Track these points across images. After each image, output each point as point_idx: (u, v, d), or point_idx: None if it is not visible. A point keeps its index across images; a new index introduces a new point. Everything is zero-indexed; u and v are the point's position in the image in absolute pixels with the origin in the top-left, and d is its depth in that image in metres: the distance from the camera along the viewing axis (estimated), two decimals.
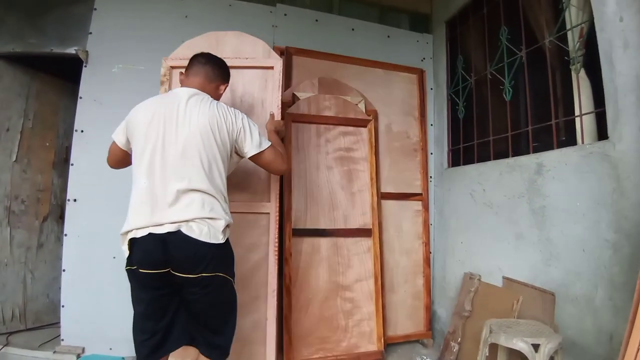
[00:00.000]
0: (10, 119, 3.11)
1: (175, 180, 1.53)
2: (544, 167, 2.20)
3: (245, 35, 2.42)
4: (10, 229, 3.10)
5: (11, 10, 2.96)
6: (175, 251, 1.49)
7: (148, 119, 1.61)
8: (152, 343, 1.58)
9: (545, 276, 2.15)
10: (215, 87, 1.83)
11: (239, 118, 1.71)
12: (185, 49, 2.34)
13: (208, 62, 1.81)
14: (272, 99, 2.32)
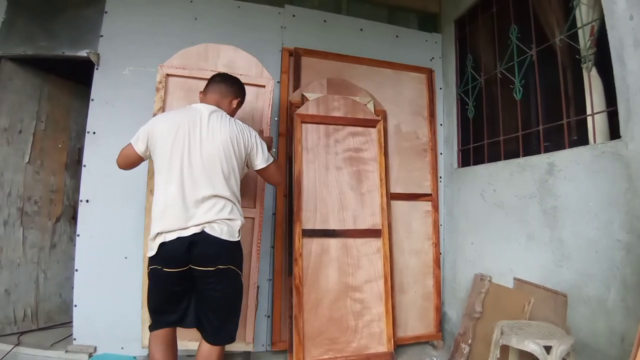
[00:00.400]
0: (23, 121, 3.15)
1: (201, 187, 1.74)
2: (556, 166, 2.18)
3: (241, 51, 2.58)
4: (23, 230, 3.14)
5: (21, 13, 2.99)
6: (199, 249, 1.70)
7: (173, 131, 1.79)
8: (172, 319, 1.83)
9: (557, 277, 2.13)
10: (229, 102, 2.02)
11: (252, 135, 1.93)
12: (180, 58, 2.51)
13: (222, 80, 2.03)
14: (262, 114, 2.53)
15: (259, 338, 2.85)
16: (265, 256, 2.92)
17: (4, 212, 3.01)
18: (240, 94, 2.09)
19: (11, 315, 3.00)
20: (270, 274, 2.90)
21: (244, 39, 3.05)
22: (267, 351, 2.85)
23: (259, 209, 2.51)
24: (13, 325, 3.00)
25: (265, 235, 2.92)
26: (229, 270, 1.78)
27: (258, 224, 2.49)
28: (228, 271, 1.77)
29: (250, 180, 2.47)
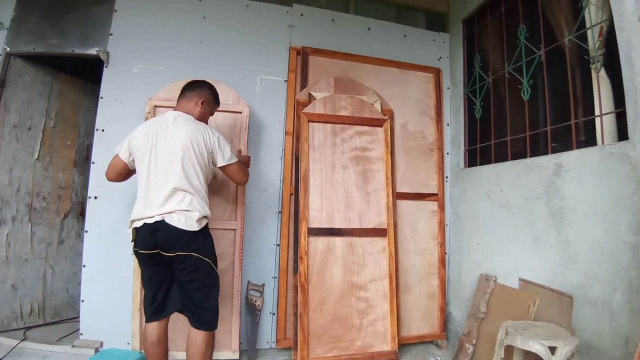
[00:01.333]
0: (32, 118, 3.18)
1: (164, 181, 1.97)
2: (563, 167, 2.17)
3: (221, 84, 2.76)
4: (32, 226, 3.17)
5: (31, 11, 3.02)
6: (160, 236, 1.93)
7: (145, 136, 2.07)
8: (154, 307, 2.07)
9: (562, 278, 2.12)
10: (195, 104, 2.20)
11: (215, 136, 2.11)
12: (167, 91, 2.80)
13: (186, 88, 2.25)
14: (240, 137, 2.85)
15: (264, 335, 2.88)
16: (271, 254, 2.94)
17: (13, 207, 3.05)
18: (203, 94, 2.23)
19: (18, 310, 3.04)
20: (275, 271, 2.92)
21: (252, 37, 3.09)
22: (271, 348, 2.87)
23: (239, 221, 2.78)
24: (19, 320, 3.04)
25: (270, 233, 2.95)
26: (192, 257, 1.95)
27: (239, 235, 2.76)
28: (190, 258, 1.95)
29: (230, 195, 2.81)
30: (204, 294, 2.03)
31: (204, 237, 2.05)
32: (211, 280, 2.07)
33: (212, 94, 2.30)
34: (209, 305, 2.05)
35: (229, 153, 2.15)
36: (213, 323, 2.06)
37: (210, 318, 2.05)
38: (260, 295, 2.85)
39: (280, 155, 3.02)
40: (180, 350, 2.57)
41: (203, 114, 2.23)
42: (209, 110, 2.31)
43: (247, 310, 2.83)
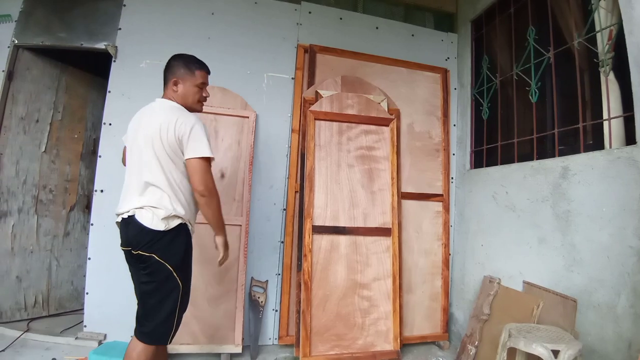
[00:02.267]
0: (40, 111, 3.20)
1: (139, 174, 1.80)
2: (570, 170, 2.16)
3: (229, 91, 2.94)
4: (38, 217, 3.20)
5: (39, 4, 3.03)
6: (130, 232, 1.77)
7: (131, 125, 1.95)
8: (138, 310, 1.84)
9: (567, 282, 2.12)
10: (171, 86, 1.91)
11: (189, 124, 1.79)
12: None
13: (163, 71, 1.98)
14: (247, 140, 2.92)
15: (267, 331, 2.89)
16: (275, 251, 2.95)
17: (19, 199, 3.07)
18: (176, 73, 1.90)
19: (22, 301, 3.06)
20: (279, 268, 2.93)
21: (260, 34, 3.09)
22: (274, 344, 2.89)
23: (245, 217, 2.81)
24: (23, 312, 3.06)
25: (275, 230, 2.96)
26: (152, 259, 1.73)
27: (244, 231, 2.80)
28: (151, 260, 1.73)
29: (237, 193, 2.85)
30: (156, 301, 1.76)
31: (171, 239, 1.77)
32: (168, 289, 1.77)
33: (185, 66, 1.91)
34: (157, 315, 1.76)
35: (199, 146, 1.78)
36: (155, 336, 1.76)
37: (153, 329, 1.75)
38: (264, 291, 2.86)
39: (286, 152, 3.03)
40: (184, 343, 2.60)
41: (184, 95, 1.90)
42: (190, 89, 1.91)
43: (250, 307, 2.84)
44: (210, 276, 2.72)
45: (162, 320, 1.76)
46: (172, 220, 1.77)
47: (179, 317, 1.81)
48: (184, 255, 1.82)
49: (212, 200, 1.81)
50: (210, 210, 1.83)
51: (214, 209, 1.84)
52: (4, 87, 2.92)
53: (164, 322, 1.76)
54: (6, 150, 2.97)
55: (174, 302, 1.78)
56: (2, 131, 2.94)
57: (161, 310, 1.76)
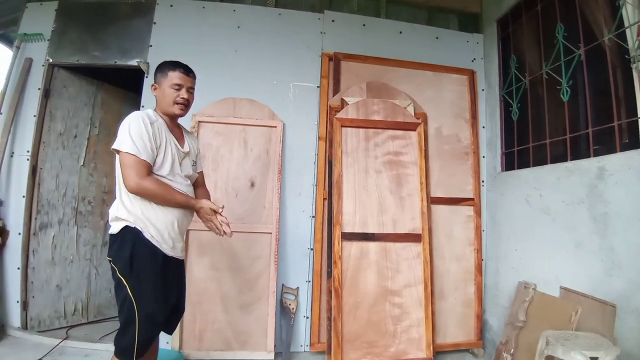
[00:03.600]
0: (78, 126, 3.36)
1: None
2: (606, 171, 2.08)
3: (256, 102, 3.03)
4: (77, 228, 3.34)
5: (71, 23, 3.17)
6: None
7: None
8: None
9: (606, 287, 2.04)
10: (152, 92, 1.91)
11: (125, 121, 1.71)
12: (210, 108, 2.99)
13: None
14: (275, 149, 2.98)
15: (298, 338, 2.91)
16: (305, 258, 2.97)
17: (59, 211, 3.22)
18: (155, 78, 1.90)
19: (61, 309, 3.20)
20: (309, 275, 2.95)
21: (285, 45, 3.14)
22: (305, 351, 2.90)
23: (275, 225, 2.87)
24: (62, 319, 3.19)
25: (304, 237, 2.98)
26: (110, 263, 1.70)
27: (275, 239, 2.85)
28: (110, 264, 1.70)
29: (267, 201, 2.92)
30: (118, 310, 1.69)
31: (120, 243, 1.69)
32: (120, 297, 1.67)
33: (160, 70, 1.89)
34: (123, 326, 1.67)
35: (120, 139, 1.66)
36: (117, 347, 1.67)
37: (115, 337, 1.69)
38: (295, 298, 2.88)
39: (313, 160, 3.05)
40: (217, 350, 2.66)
41: (160, 99, 1.87)
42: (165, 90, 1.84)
43: (281, 313, 2.86)
44: (242, 283, 2.77)
45: (120, 331, 1.67)
46: (116, 223, 1.71)
47: (140, 334, 1.64)
48: (129, 261, 1.65)
49: (145, 188, 1.64)
50: (159, 199, 1.69)
51: (160, 196, 1.68)
52: (41, 104, 3.07)
53: (122, 333, 1.66)
54: (46, 165, 3.12)
55: (127, 313, 1.63)
56: (42, 146, 3.09)
57: (120, 320, 1.68)
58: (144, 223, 1.70)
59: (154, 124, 1.74)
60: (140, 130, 1.66)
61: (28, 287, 2.98)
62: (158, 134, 1.75)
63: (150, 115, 1.78)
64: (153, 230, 1.71)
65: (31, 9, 3.18)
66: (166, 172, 1.78)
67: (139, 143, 1.64)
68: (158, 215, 1.73)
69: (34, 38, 3.07)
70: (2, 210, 2.95)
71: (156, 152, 1.72)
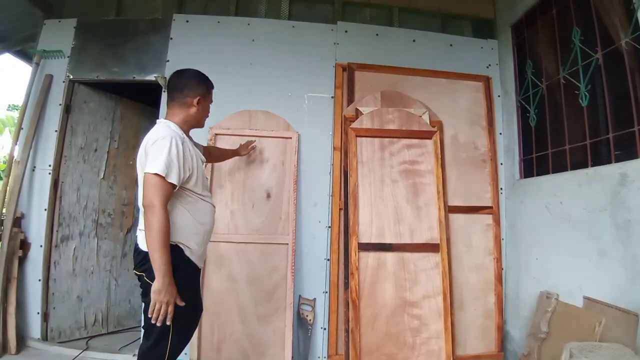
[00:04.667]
0: (98, 141, 3.45)
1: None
2: (628, 177, 2.03)
3: (271, 113, 3.06)
4: (98, 240, 3.41)
5: (90, 40, 3.27)
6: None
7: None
8: None
9: (630, 296, 1.98)
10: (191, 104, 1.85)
11: (153, 138, 1.69)
12: (226, 121, 3.02)
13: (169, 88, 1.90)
14: (290, 159, 3.00)
15: (316, 350, 2.89)
16: (321, 269, 2.96)
17: (80, 223, 3.30)
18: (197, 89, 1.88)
19: (82, 320, 3.26)
20: (326, 286, 2.93)
21: (299, 57, 3.17)
22: None
23: (291, 235, 2.87)
24: (82, 330, 3.25)
25: (320, 248, 2.97)
26: (142, 279, 1.69)
27: (291, 249, 2.85)
28: (142, 279, 1.70)
29: (283, 212, 2.92)
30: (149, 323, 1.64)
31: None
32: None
33: (204, 84, 1.93)
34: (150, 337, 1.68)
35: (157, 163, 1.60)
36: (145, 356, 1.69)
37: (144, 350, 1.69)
38: (312, 309, 2.87)
39: (328, 170, 3.05)
40: None
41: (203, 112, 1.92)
42: (207, 107, 1.95)
43: (298, 325, 2.85)
44: (260, 294, 2.77)
45: (151, 344, 1.67)
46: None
47: (172, 348, 1.67)
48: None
49: (150, 218, 1.57)
50: (147, 227, 1.59)
51: (150, 226, 1.57)
52: (62, 119, 3.16)
53: (153, 346, 1.66)
54: (67, 178, 3.20)
55: (162, 328, 1.62)
56: (63, 160, 3.18)
57: (152, 333, 1.66)
58: (185, 241, 1.72)
59: (184, 142, 1.73)
60: (172, 151, 1.64)
61: (49, 299, 3.05)
62: (188, 152, 1.74)
63: (179, 133, 1.76)
64: (193, 247, 1.75)
65: (49, 26, 3.29)
66: (200, 189, 1.82)
67: (170, 165, 1.62)
68: (193, 234, 1.76)
69: (53, 55, 3.17)
70: (23, 223, 3.02)
71: (189, 172, 1.73)
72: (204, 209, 1.85)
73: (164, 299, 1.57)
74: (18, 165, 3.01)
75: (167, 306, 1.58)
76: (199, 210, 1.81)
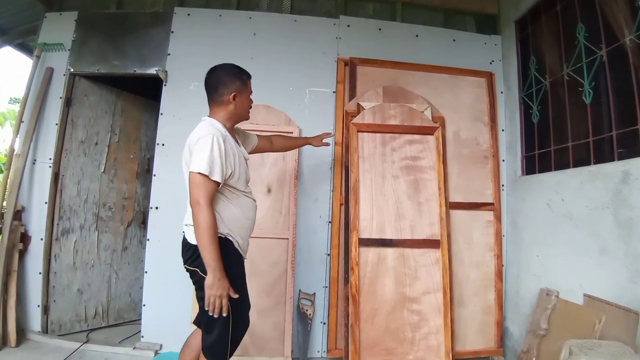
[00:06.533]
0: (99, 134, 3.43)
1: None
2: (631, 175, 2.02)
3: (272, 108, 3.04)
4: (98, 233, 3.41)
5: (91, 33, 3.24)
6: (181, 248, 1.85)
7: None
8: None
9: (630, 294, 1.98)
10: (229, 100, 1.87)
11: (194, 141, 1.74)
12: None
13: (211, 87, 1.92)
14: (291, 154, 2.97)
15: (315, 344, 2.90)
16: (322, 264, 2.96)
17: (81, 217, 3.29)
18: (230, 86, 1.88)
19: (82, 313, 3.26)
20: (326, 281, 2.94)
21: (300, 51, 3.16)
22: (322, 357, 2.90)
23: (291, 230, 2.88)
24: (83, 323, 3.26)
25: (321, 243, 2.97)
26: (197, 274, 1.74)
27: (292, 244, 2.86)
28: (196, 274, 1.74)
29: (283, 207, 2.92)
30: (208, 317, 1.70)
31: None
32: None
33: (239, 78, 1.91)
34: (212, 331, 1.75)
35: (199, 163, 1.66)
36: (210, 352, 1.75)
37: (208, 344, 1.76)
38: (312, 304, 2.87)
39: (329, 165, 3.05)
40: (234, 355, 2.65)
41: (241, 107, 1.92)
42: (246, 100, 1.95)
43: (298, 319, 2.86)
44: (260, 289, 2.77)
45: (215, 338, 1.74)
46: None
47: (234, 336, 1.76)
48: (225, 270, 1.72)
49: (197, 215, 1.63)
50: (195, 225, 1.65)
51: (197, 223, 1.63)
52: (62, 112, 3.14)
53: (217, 339, 1.74)
54: (68, 172, 3.19)
55: (221, 319, 1.68)
56: (64, 154, 3.17)
57: (214, 327, 1.74)
58: (233, 233, 1.80)
59: (226, 140, 1.77)
60: (214, 151, 1.68)
61: (49, 292, 3.05)
62: (231, 151, 1.79)
63: (221, 130, 1.80)
64: (239, 239, 1.83)
65: (50, 19, 3.27)
66: (242, 186, 1.86)
67: (213, 164, 1.67)
68: (239, 227, 1.84)
69: (54, 48, 3.14)
70: (24, 216, 3.03)
71: (231, 170, 1.76)
72: (247, 204, 1.90)
73: (217, 293, 1.62)
74: (19, 159, 3.00)
75: (221, 299, 1.63)
76: (242, 206, 1.87)
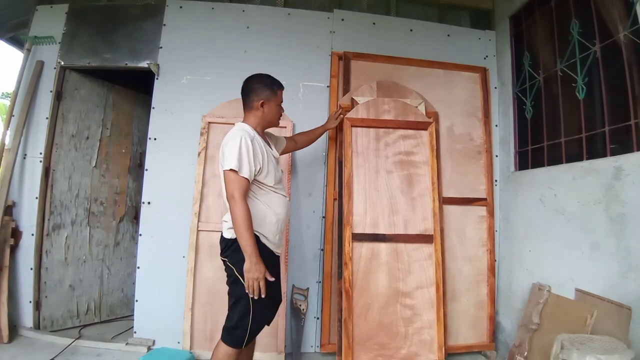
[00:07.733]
0: (90, 128, 3.39)
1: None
2: (623, 171, 2.03)
3: None
4: (90, 229, 3.38)
5: (82, 26, 3.19)
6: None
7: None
8: None
9: (622, 289, 1.99)
10: (257, 107, 2.05)
11: (226, 140, 1.97)
12: (220, 109, 2.98)
13: (245, 93, 2.10)
14: None
15: (308, 339, 2.90)
16: (315, 259, 2.96)
17: (72, 212, 3.26)
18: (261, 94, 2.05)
19: (74, 309, 3.24)
20: (320, 276, 2.94)
21: (294, 45, 3.13)
22: (315, 352, 2.90)
23: None
24: (75, 319, 3.24)
25: (314, 238, 2.97)
26: (226, 264, 1.96)
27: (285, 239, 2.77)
28: (225, 264, 1.96)
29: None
30: (231, 303, 1.96)
31: (237, 247, 1.87)
32: (237, 293, 1.92)
33: (269, 87, 2.08)
34: (232, 316, 1.93)
35: (229, 160, 1.86)
36: (229, 337, 1.90)
37: (227, 328, 1.92)
38: (305, 299, 2.87)
39: (323, 160, 3.04)
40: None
41: (269, 114, 2.09)
42: (274, 108, 2.11)
43: (291, 314, 2.86)
44: None
45: (234, 324, 1.90)
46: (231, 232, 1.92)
47: (253, 325, 1.89)
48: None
49: (233, 209, 1.83)
50: (233, 218, 1.84)
51: (234, 215, 1.83)
52: (53, 106, 3.10)
53: (235, 325, 1.89)
54: (58, 167, 3.16)
55: (244, 307, 1.88)
56: (54, 148, 3.13)
57: (234, 313, 1.91)
58: (261, 229, 1.93)
59: (253, 140, 1.93)
60: (242, 149, 1.86)
61: (41, 287, 3.03)
62: (259, 149, 1.94)
63: (250, 132, 1.97)
64: (268, 235, 1.96)
65: (41, 12, 3.22)
66: (271, 182, 2.00)
67: (241, 161, 1.85)
68: (268, 223, 1.97)
69: (44, 41, 3.10)
70: (15, 211, 2.99)
71: (259, 166, 1.92)
72: (276, 200, 2.04)
73: (254, 276, 1.80)
74: (9, 153, 2.97)
75: (258, 281, 1.80)
76: (272, 202, 2.01)
